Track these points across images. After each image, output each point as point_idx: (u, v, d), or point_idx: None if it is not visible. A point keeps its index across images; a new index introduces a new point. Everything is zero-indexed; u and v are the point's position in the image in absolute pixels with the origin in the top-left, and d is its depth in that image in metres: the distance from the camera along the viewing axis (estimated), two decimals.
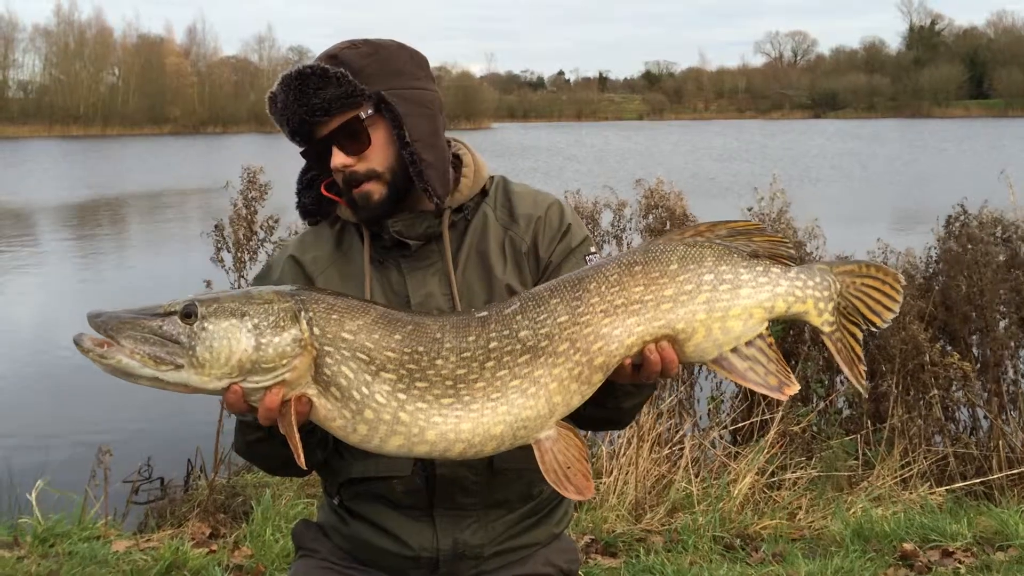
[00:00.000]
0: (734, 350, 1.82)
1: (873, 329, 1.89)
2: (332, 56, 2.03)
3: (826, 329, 1.87)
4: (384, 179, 2.03)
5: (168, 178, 32.97)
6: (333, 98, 1.98)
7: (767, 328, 1.84)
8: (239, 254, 5.73)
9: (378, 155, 2.02)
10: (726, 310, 1.80)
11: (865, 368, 1.91)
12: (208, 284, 5.47)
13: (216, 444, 5.42)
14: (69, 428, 7.50)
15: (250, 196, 5.77)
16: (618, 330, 1.79)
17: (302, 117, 2.00)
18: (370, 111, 2.00)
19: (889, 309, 1.88)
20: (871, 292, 1.88)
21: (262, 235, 5.75)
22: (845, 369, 1.88)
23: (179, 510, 5.25)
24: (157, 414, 7.48)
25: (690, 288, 1.80)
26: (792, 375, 1.84)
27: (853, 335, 1.88)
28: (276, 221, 5.75)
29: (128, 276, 14.91)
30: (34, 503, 4.80)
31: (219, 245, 5.78)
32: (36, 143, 61.47)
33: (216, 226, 5.78)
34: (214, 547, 4.51)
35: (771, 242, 1.86)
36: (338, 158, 2.01)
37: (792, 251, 1.87)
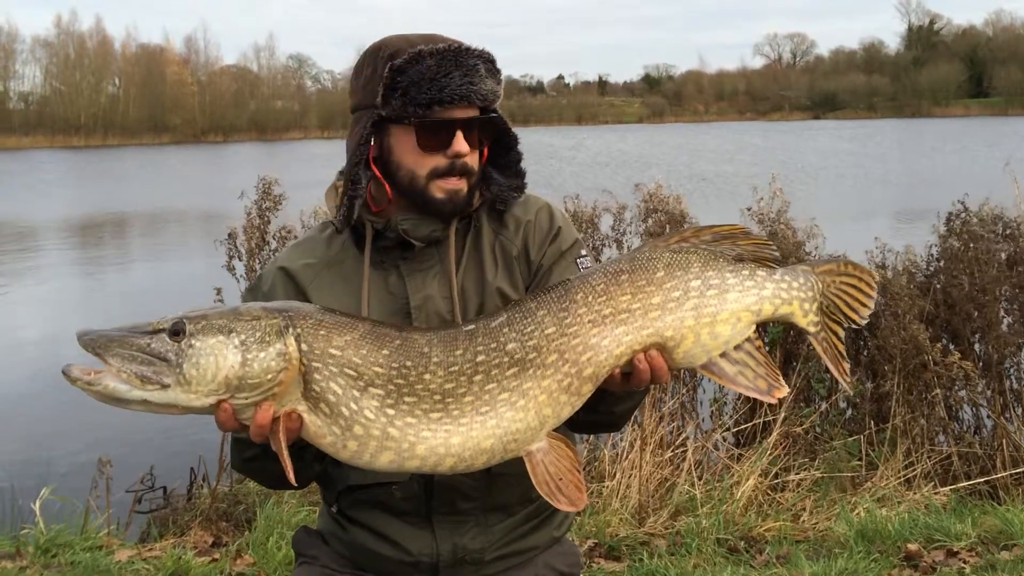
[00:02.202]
0: (723, 354, 1.81)
1: (853, 327, 1.91)
2: (470, 47, 2.03)
3: (811, 329, 1.88)
4: (472, 180, 2.07)
5: (171, 188, 33.01)
6: (493, 89, 2.03)
7: (755, 331, 1.84)
8: (251, 263, 5.74)
9: (477, 156, 2.07)
10: (714, 315, 1.80)
11: (849, 365, 1.92)
12: (218, 292, 5.51)
13: (220, 453, 5.42)
14: (71, 439, 7.49)
15: (264, 206, 5.79)
16: (606, 340, 1.78)
17: (466, 93, 1.99)
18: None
19: (865, 306, 1.90)
20: (849, 290, 1.89)
21: (274, 245, 5.77)
22: (831, 367, 1.89)
23: (181, 519, 5.23)
24: (160, 423, 7.46)
25: (677, 295, 1.79)
26: (781, 377, 1.84)
27: (836, 333, 1.90)
28: (289, 232, 5.75)
29: (132, 288, 14.91)
30: (38, 512, 4.79)
31: (231, 254, 5.79)
32: (38, 154, 61.55)
33: (229, 235, 5.79)
34: (216, 556, 4.51)
35: (756, 245, 1.86)
36: (463, 144, 2.01)
37: (777, 254, 1.87)
